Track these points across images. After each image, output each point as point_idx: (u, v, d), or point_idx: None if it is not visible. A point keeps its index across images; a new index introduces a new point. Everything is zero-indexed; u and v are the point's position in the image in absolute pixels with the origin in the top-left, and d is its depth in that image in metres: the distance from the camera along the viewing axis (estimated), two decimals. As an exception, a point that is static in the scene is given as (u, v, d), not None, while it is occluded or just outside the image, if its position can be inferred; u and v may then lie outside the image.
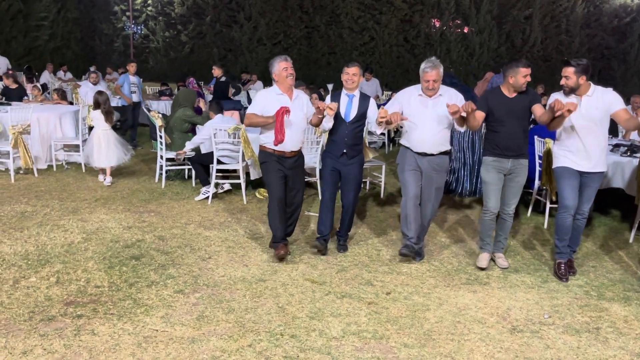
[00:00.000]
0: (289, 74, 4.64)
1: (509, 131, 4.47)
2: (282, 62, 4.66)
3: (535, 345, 3.45)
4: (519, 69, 4.39)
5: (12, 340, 3.25)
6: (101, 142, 7.09)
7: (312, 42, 30.04)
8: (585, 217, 4.61)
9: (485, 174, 4.63)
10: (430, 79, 4.44)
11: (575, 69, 4.27)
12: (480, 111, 4.49)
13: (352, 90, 4.75)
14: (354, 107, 4.71)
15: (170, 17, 30.76)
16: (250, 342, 3.34)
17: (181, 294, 3.97)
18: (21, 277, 4.15)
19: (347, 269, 4.59)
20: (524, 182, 4.62)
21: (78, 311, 3.64)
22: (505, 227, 4.78)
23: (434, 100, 4.53)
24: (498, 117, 4.48)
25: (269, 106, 4.64)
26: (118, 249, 4.80)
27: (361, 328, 3.58)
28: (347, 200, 4.86)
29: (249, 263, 4.62)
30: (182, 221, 5.67)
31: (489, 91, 4.72)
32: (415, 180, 4.66)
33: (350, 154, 4.75)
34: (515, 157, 4.51)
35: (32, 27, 26.72)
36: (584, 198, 4.53)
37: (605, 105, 4.29)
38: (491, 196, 4.60)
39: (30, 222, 5.42)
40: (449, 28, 29.45)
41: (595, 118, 4.31)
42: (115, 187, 6.95)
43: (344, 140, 4.72)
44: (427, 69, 4.44)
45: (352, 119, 4.70)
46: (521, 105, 4.46)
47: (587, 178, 4.47)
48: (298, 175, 4.84)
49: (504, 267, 4.74)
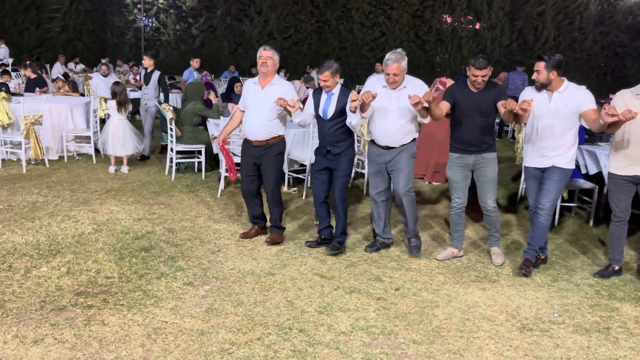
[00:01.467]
0: (262, 62, 4.65)
1: (472, 126, 4.43)
2: (260, 50, 4.71)
3: (545, 344, 3.43)
4: (470, 67, 4.35)
5: (23, 329, 3.28)
6: (117, 131, 7.28)
7: (323, 36, 29.98)
8: (548, 213, 4.36)
9: (449, 172, 4.65)
10: (390, 72, 4.35)
11: (546, 63, 4.15)
12: (446, 102, 4.47)
13: (331, 89, 4.67)
14: (332, 105, 4.63)
15: (181, 10, 30.81)
16: (259, 336, 3.35)
17: (190, 287, 3.99)
18: (32, 267, 4.18)
19: (356, 264, 4.59)
20: (494, 175, 4.55)
21: (88, 301, 3.67)
22: (492, 222, 4.72)
23: (398, 93, 4.45)
24: (462, 111, 4.44)
25: (246, 94, 4.83)
26: (128, 241, 4.83)
27: (370, 323, 3.57)
28: (334, 196, 4.81)
29: (258, 257, 4.63)
30: (192, 214, 5.69)
31: (456, 84, 4.64)
32: (377, 179, 4.71)
33: (334, 151, 4.68)
34: (477, 152, 4.48)
35: (45, 18, 26.86)
36: (544, 191, 4.37)
37: (576, 103, 4.18)
38: (455, 192, 4.66)
39: (41, 213, 5.46)
40: (461, 24, 29.27)
41: (564, 115, 4.21)
42: (126, 179, 6.99)
43: (325, 138, 4.70)
44: (389, 61, 4.34)
45: (330, 117, 4.63)
46: (486, 102, 4.39)
47: (548, 172, 4.37)
48: (265, 166, 4.78)
49: (497, 264, 4.66)
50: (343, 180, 4.75)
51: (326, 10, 29.40)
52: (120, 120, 7.33)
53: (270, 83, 4.72)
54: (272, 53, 4.68)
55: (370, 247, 4.91)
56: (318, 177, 4.81)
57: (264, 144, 4.75)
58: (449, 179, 4.68)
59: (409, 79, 4.49)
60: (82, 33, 29.36)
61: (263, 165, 4.81)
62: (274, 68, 4.74)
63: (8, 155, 7.63)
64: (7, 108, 7.28)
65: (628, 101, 4.15)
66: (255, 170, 4.86)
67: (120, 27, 31.45)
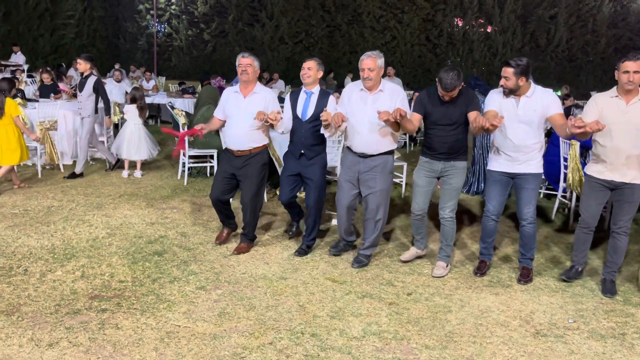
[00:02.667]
0: (242, 70, 4.48)
1: (442, 134, 4.28)
2: (239, 58, 4.53)
3: (560, 350, 3.40)
4: (440, 76, 4.16)
5: (38, 332, 3.32)
6: (133, 136, 7.38)
7: (334, 41, 30.04)
8: (532, 222, 4.33)
9: (415, 175, 4.52)
10: (365, 67, 4.19)
11: (514, 69, 4.06)
12: (417, 113, 4.35)
13: (311, 87, 4.56)
14: (312, 105, 4.51)
15: (193, 16, 31.05)
16: (271, 340, 3.35)
17: (203, 291, 4.00)
18: (47, 271, 4.23)
19: (368, 268, 4.58)
20: (459, 185, 4.40)
21: (102, 305, 3.70)
22: (446, 234, 4.50)
23: (374, 96, 4.30)
24: (433, 119, 4.30)
25: (226, 104, 4.66)
26: (141, 245, 4.86)
27: (382, 328, 3.57)
28: (309, 202, 4.68)
29: (270, 261, 4.64)
30: (204, 218, 5.72)
31: (426, 92, 4.48)
32: (348, 190, 4.51)
33: (308, 154, 4.57)
34: (446, 160, 4.34)
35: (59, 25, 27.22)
36: (523, 202, 4.31)
37: (544, 107, 4.12)
38: (417, 198, 4.48)
39: (56, 217, 5.52)
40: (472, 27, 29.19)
41: (532, 119, 4.15)
42: (139, 184, 7.04)
43: (301, 140, 4.56)
44: (364, 57, 4.23)
45: (309, 118, 4.52)
46: (457, 112, 4.24)
47: (521, 180, 4.28)
48: (246, 176, 4.62)
49: (437, 275, 4.45)
50: (318, 191, 4.64)
51: (337, 14, 29.46)
52: (137, 125, 7.43)
53: (253, 91, 4.57)
54: (251, 60, 4.51)
55: (334, 248, 4.87)
56: (288, 184, 4.69)
57: (247, 154, 4.59)
58: (414, 182, 4.53)
59: (385, 82, 4.37)
60: (96, 39, 29.70)
61: (244, 175, 4.62)
62: (255, 75, 4.57)
63: (23, 160, 7.72)
64: (23, 114, 7.37)
65: (600, 103, 4.09)
66: (231, 180, 4.69)
67: (133, 33, 31.78)
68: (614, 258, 4.31)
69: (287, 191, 4.74)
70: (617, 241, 4.27)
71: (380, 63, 4.24)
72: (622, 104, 4.01)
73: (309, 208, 4.72)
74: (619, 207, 4.19)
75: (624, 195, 4.14)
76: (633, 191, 4.11)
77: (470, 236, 5.58)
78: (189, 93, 12.23)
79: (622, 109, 3.99)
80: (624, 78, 3.92)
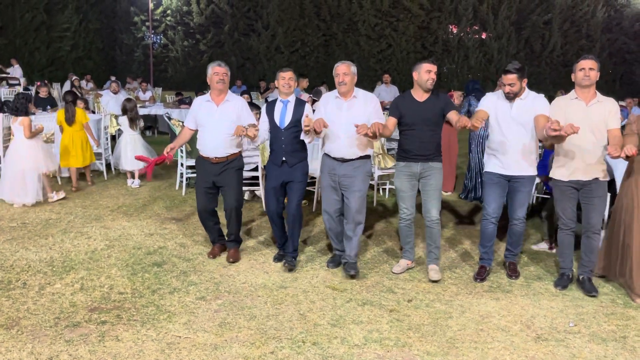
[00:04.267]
0: (219, 79, 4.56)
1: (418, 135, 4.38)
2: (216, 67, 4.59)
3: (561, 354, 3.40)
4: (421, 64, 4.35)
5: (38, 346, 3.30)
6: (127, 146, 7.50)
7: (330, 49, 30.17)
8: (522, 222, 4.52)
9: (396, 181, 4.58)
10: (340, 72, 4.36)
11: (517, 74, 4.23)
12: (392, 117, 4.46)
13: (287, 96, 4.64)
14: (289, 113, 4.59)
15: (189, 27, 31.18)
16: (272, 349, 3.34)
17: (203, 301, 3.99)
18: (46, 284, 4.21)
19: (368, 276, 4.58)
20: (438, 186, 4.47)
21: (102, 317, 3.69)
22: (434, 236, 4.55)
23: (349, 103, 4.43)
24: (408, 121, 4.40)
25: (198, 113, 4.71)
26: (140, 256, 4.85)
27: (383, 336, 3.56)
28: (290, 209, 4.65)
29: (270, 270, 4.63)
30: (203, 228, 5.70)
31: (399, 96, 4.61)
32: (332, 193, 4.58)
33: (290, 161, 4.59)
34: (424, 161, 4.42)
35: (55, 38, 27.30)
36: (517, 204, 4.47)
37: (534, 108, 4.27)
38: (402, 203, 4.55)
39: (54, 230, 5.51)
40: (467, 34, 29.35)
41: (526, 121, 4.29)
42: (137, 195, 7.04)
43: (281, 147, 4.60)
44: (338, 64, 4.42)
45: (286, 125, 4.57)
46: (432, 111, 4.35)
47: (516, 183, 4.41)
48: (227, 181, 4.68)
49: (434, 279, 4.47)
50: (299, 193, 4.65)
51: (332, 23, 29.62)
52: (132, 136, 7.52)
53: (225, 99, 4.66)
54: (227, 69, 4.64)
55: (331, 262, 4.79)
56: (274, 194, 4.68)
57: (224, 160, 4.66)
58: (396, 189, 4.58)
59: (359, 91, 4.49)
60: (92, 51, 29.79)
61: (223, 182, 4.69)
62: (228, 85, 4.72)
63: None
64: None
65: (563, 105, 4.25)
66: (213, 188, 4.74)
67: (129, 44, 31.88)
68: (591, 257, 4.42)
69: (274, 202, 4.70)
70: (592, 241, 4.39)
71: (353, 70, 4.42)
72: (582, 104, 4.20)
73: (290, 214, 4.65)
74: (589, 206, 4.32)
75: (591, 193, 4.28)
76: (599, 187, 4.27)
77: (471, 243, 5.58)
78: (186, 103, 12.24)
79: (583, 109, 4.17)
80: (580, 75, 4.15)
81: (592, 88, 4.19)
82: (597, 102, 4.18)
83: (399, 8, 28.71)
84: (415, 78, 4.39)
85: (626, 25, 29.69)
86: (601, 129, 4.16)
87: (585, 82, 4.13)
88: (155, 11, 31.16)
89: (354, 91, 4.47)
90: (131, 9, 31.18)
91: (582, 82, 4.15)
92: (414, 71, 4.41)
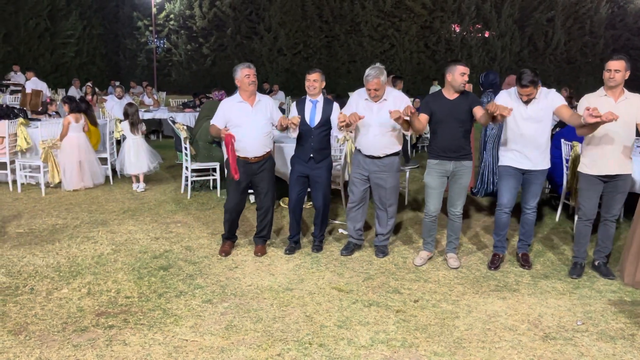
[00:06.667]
0: (251, 81, 4.72)
1: (449, 133, 4.54)
2: (245, 69, 4.74)
3: (569, 353, 3.38)
4: (456, 66, 4.49)
5: (46, 351, 3.31)
6: (131, 150, 7.54)
7: (332, 51, 30.18)
8: (534, 211, 4.75)
9: (427, 178, 4.73)
10: (371, 87, 4.57)
11: (532, 86, 4.36)
12: (424, 114, 4.60)
13: (316, 96, 4.87)
14: (318, 113, 4.83)
15: (192, 31, 31.26)
16: (279, 352, 3.34)
17: (209, 304, 4.00)
18: (54, 289, 4.23)
19: (374, 277, 4.58)
20: (467, 184, 4.70)
21: (109, 322, 3.70)
22: (455, 228, 4.85)
23: (379, 105, 4.65)
24: (439, 119, 4.56)
25: (231, 114, 4.79)
26: (146, 260, 4.87)
27: (390, 336, 3.55)
28: (318, 203, 5.01)
29: (276, 272, 4.64)
30: (208, 231, 5.72)
31: (430, 94, 4.85)
32: (360, 185, 4.88)
33: (317, 158, 4.88)
34: (457, 159, 4.59)
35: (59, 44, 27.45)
36: (530, 194, 4.69)
37: (548, 104, 4.43)
38: (432, 200, 4.72)
39: (61, 235, 5.53)
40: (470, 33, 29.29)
41: (541, 117, 4.46)
42: (142, 199, 7.06)
43: (310, 145, 4.86)
44: (369, 77, 4.55)
45: (316, 124, 4.83)
46: (462, 108, 4.51)
47: (531, 176, 4.63)
48: (264, 180, 4.91)
49: (454, 267, 4.78)
50: (325, 191, 4.97)
51: (335, 25, 29.63)
52: (135, 140, 7.53)
53: (258, 100, 4.82)
54: (255, 70, 4.84)
55: (345, 250, 5.09)
56: (298, 182, 4.97)
57: (261, 159, 4.86)
58: (426, 185, 4.76)
59: (389, 90, 4.71)
60: (96, 57, 29.93)
61: (261, 179, 4.90)
62: None
63: (27, 179, 7.75)
64: (25, 133, 7.42)
65: (592, 102, 4.35)
66: (247, 187, 4.94)
67: (133, 49, 32.00)
68: (607, 243, 4.67)
69: (297, 190, 5.00)
70: (609, 228, 4.63)
71: (383, 79, 4.59)
72: (611, 101, 4.31)
73: (318, 208, 5.04)
74: (612, 198, 4.51)
75: (617, 187, 4.46)
76: (625, 182, 4.46)
77: (475, 242, 5.56)
78: (190, 107, 12.28)
79: (612, 106, 4.26)
80: (606, 75, 4.30)
81: (620, 87, 4.31)
82: (625, 99, 4.30)
83: (401, 8, 28.70)
84: (449, 79, 4.52)
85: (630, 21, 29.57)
86: (630, 125, 4.30)
87: (610, 83, 4.26)
88: (158, 15, 31.27)
89: (384, 94, 4.67)
90: (134, 13, 31.31)
91: (607, 82, 4.29)
92: (447, 72, 4.53)
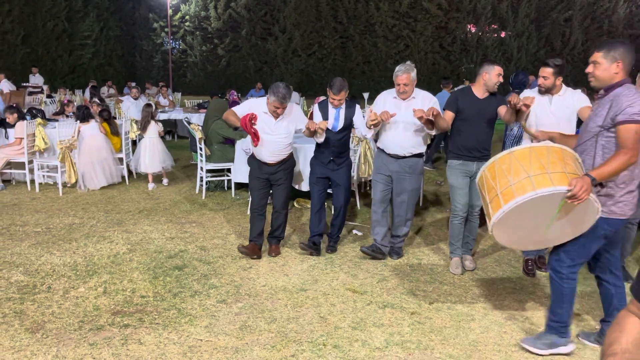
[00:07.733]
0: (277, 113, 4.64)
1: (475, 132, 4.49)
2: (276, 102, 4.57)
3: (588, 356, 3.33)
4: (494, 66, 4.46)
5: (63, 349, 3.34)
6: (146, 149, 7.66)
7: (347, 51, 30.14)
8: None
9: (451, 178, 4.66)
10: (401, 82, 4.53)
11: (553, 69, 4.33)
12: (450, 111, 4.55)
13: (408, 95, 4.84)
14: (341, 118, 4.87)
15: (207, 32, 31.44)
16: (293, 352, 3.34)
17: (224, 304, 4.01)
18: (70, 288, 4.27)
19: (388, 278, 4.55)
20: None
21: (125, 321, 3.72)
22: (473, 229, 4.81)
23: (407, 103, 4.61)
24: (466, 117, 4.50)
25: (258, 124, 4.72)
26: (162, 260, 4.90)
27: (405, 338, 3.53)
28: (338, 203, 5.03)
29: (290, 272, 4.64)
30: (223, 231, 5.74)
31: (459, 91, 4.75)
32: (382, 186, 4.82)
33: (337, 161, 4.93)
34: (479, 160, 4.51)
35: (77, 46, 27.79)
36: None
37: (574, 103, 4.39)
38: (459, 199, 4.63)
39: (77, 234, 5.59)
40: (485, 33, 29.07)
41: (565, 116, 4.40)
42: (157, 199, 7.11)
43: (331, 148, 4.88)
44: (399, 72, 4.53)
45: (339, 129, 4.87)
46: (491, 108, 4.49)
47: None
48: (281, 179, 4.90)
49: (470, 269, 4.73)
50: (346, 193, 5.00)
51: (349, 25, 29.59)
52: (151, 139, 7.63)
53: (282, 117, 4.74)
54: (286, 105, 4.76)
55: (367, 248, 4.99)
56: (319, 185, 5.00)
57: (281, 162, 4.87)
58: (451, 186, 4.68)
59: (418, 90, 4.68)
60: (112, 58, 30.26)
61: (278, 179, 4.89)
62: None
63: (45, 178, 7.85)
64: (43, 133, 7.52)
65: None
66: (267, 184, 4.94)
67: (149, 50, 32.27)
68: (626, 246, 4.60)
69: (318, 190, 5.01)
70: (630, 231, 4.56)
71: (413, 76, 4.57)
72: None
73: (338, 208, 5.05)
74: None
75: None
76: None
77: (492, 244, 5.51)
78: (205, 108, 12.35)
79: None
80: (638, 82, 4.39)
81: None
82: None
83: (417, 9, 28.57)
84: (485, 78, 4.47)
85: (649, 20, 29.10)
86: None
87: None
88: (174, 17, 31.52)
89: (413, 92, 4.65)
90: (150, 15, 31.60)
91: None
92: (483, 71, 4.48)
